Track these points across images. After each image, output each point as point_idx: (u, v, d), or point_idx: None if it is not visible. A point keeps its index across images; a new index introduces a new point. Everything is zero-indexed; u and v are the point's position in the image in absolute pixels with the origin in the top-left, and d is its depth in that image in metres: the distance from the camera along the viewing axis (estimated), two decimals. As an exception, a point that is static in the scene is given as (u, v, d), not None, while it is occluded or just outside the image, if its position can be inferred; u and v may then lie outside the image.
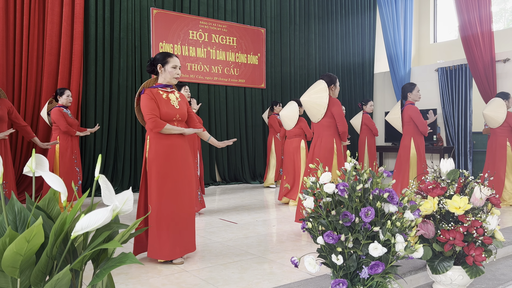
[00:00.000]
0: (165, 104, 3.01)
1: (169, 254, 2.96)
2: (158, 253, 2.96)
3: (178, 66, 3.08)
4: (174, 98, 3.10)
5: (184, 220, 3.04)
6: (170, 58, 3.06)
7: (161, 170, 2.97)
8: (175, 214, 3.00)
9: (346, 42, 10.12)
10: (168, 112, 3.00)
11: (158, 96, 3.02)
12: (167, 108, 3.00)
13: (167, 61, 3.06)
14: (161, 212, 2.95)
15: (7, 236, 1.18)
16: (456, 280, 2.45)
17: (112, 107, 6.90)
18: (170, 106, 3.03)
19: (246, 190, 7.34)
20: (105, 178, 1.35)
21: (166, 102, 3.03)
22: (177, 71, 3.07)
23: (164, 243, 2.95)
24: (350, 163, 2.14)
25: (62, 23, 6.28)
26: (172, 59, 3.06)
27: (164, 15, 7.48)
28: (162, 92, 3.06)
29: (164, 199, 2.97)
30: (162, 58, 3.06)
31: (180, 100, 3.15)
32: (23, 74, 6.00)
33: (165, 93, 3.07)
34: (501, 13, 9.75)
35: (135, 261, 1.27)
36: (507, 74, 8.31)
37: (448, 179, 2.51)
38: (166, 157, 2.99)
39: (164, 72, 3.07)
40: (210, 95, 8.02)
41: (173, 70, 3.06)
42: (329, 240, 1.95)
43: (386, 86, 10.56)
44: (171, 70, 3.05)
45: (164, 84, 3.10)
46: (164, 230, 2.96)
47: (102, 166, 6.86)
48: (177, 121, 3.07)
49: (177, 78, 3.10)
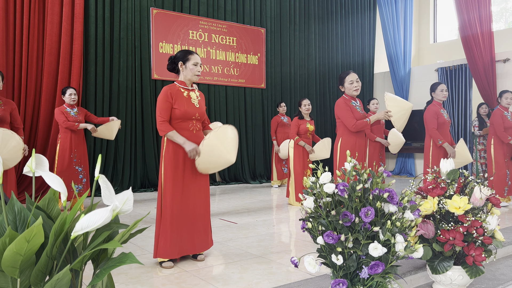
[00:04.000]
0: (185, 103, 2.99)
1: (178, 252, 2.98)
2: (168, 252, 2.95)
3: (199, 64, 3.05)
4: (195, 97, 3.08)
5: (198, 221, 3.06)
6: (191, 55, 3.03)
7: (178, 171, 2.97)
8: (188, 215, 3.02)
9: (346, 42, 10.11)
10: (188, 111, 2.98)
11: (179, 94, 2.99)
12: (187, 107, 2.98)
13: (188, 58, 3.03)
14: (174, 212, 2.96)
15: (7, 236, 1.18)
16: (456, 280, 2.45)
17: (112, 107, 6.90)
18: (190, 105, 3.01)
19: (246, 190, 7.34)
20: (105, 178, 1.35)
21: (187, 100, 3.01)
22: (198, 68, 3.04)
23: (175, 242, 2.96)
24: (350, 163, 2.14)
25: (62, 23, 6.28)
26: (193, 56, 3.03)
27: (164, 15, 7.48)
28: (183, 90, 3.03)
29: (177, 200, 2.97)
30: (183, 55, 3.04)
31: (200, 99, 3.13)
32: (23, 74, 6.00)
33: (186, 91, 3.04)
34: (501, 12, 9.75)
35: (135, 261, 1.27)
36: (507, 74, 8.31)
37: (448, 179, 2.51)
38: (184, 157, 2.99)
39: (185, 70, 3.03)
40: (210, 95, 8.02)
41: (194, 67, 3.02)
42: (329, 240, 1.95)
43: (386, 86, 10.56)
44: (192, 67, 3.02)
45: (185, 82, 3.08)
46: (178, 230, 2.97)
47: (102, 166, 6.86)
48: (196, 120, 3.05)
49: (198, 76, 3.06)
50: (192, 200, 3.04)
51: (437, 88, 4.81)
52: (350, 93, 3.90)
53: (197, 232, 3.07)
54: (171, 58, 3.08)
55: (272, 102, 8.82)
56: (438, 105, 4.80)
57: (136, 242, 3.63)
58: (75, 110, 5.26)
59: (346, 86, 3.91)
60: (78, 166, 5.23)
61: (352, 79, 3.87)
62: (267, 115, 8.77)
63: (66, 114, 5.17)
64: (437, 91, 4.80)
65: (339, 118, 3.95)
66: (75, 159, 5.18)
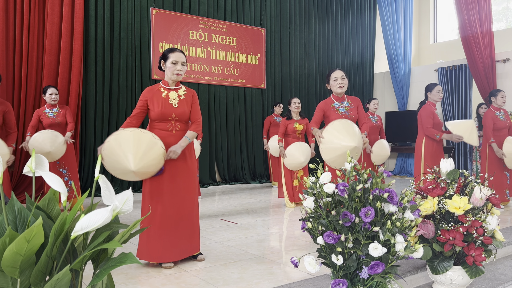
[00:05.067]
0: (161, 103, 2.91)
1: (159, 257, 2.90)
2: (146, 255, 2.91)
3: (179, 62, 2.92)
4: (175, 97, 2.96)
5: (178, 223, 2.96)
6: (171, 53, 2.93)
7: None
8: (167, 217, 2.92)
9: (346, 42, 10.11)
10: (162, 111, 2.90)
11: (157, 94, 2.94)
12: (163, 108, 2.90)
13: (168, 56, 2.93)
14: (153, 214, 2.90)
15: (7, 236, 1.18)
16: (456, 280, 2.45)
17: (112, 107, 6.90)
18: (167, 105, 2.91)
19: (246, 190, 7.34)
20: (105, 178, 1.35)
21: (164, 100, 2.92)
22: (177, 67, 2.91)
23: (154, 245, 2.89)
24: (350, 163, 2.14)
25: (62, 23, 6.28)
26: (173, 54, 2.92)
27: (164, 15, 7.47)
28: (163, 90, 2.97)
29: (155, 201, 2.91)
30: (165, 53, 2.97)
31: (183, 98, 2.99)
32: (23, 74, 6.00)
33: (166, 91, 2.97)
34: (504, 12, 9.74)
35: (135, 261, 1.27)
36: (507, 74, 8.31)
37: (448, 179, 2.51)
38: None
39: (166, 68, 2.97)
40: (210, 95, 8.02)
41: (172, 66, 2.91)
42: (329, 240, 1.95)
43: (386, 86, 10.56)
44: (170, 66, 2.92)
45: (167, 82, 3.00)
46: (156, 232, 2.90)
47: (102, 166, 6.85)
48: (174, 120, 2.95)
49: (178, 75, 2.93)
50: (172, 203, 2.93)
51: (433, 89, 4.76)
52: (334, 90, 3.77)
53: (180, 235, 2.95)
54: (160, 56, 3.04)
55: (272, 102, 8.82)
56: (433, 106, 4.78)
57: (136, 242, 3.63)
58: (55, 110, 5.06)
59: (331, 84, 3.79)
60: (62, 168, 5.05)
61: (336, 76, 3.73)
62: (267, 115, 8.77)
63: (42, 116, 4.99)
64: (434, 91, 4.75)
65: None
66: (57, 161, 4.98)
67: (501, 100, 5.27)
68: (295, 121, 5.61)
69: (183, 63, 2.96)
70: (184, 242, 2.98)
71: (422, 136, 4.80)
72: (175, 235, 2.94)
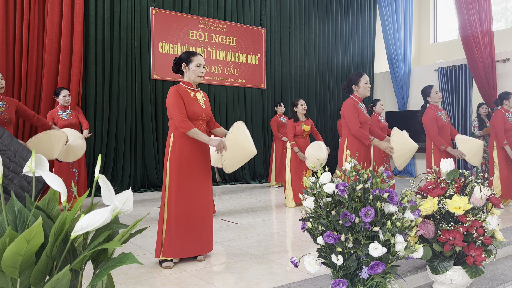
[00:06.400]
0: (192, 103, 3.03)
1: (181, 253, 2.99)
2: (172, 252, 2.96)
3: (202, 65, 3.08)
4: (201, 97, 3.12)
5: (200, 222, 3.07)
6: (194, 56, 3.06)
7: (183, 170, 2.99)
8: (192, 215, 3.03)
9: (346, 42, 10.11)
10: (195, 111, 3.02)
11: (186, 94, 3.03)
12: (195, 107, 3.03)
13: (191, 59, 3.06)
14: (179, 212, 2.98)
15: (7, 236, 1.18)
16: (456, 280, 2.45)
17: (112, 107, 6.90)
18: (197, 105, 3.05)
19: (246, 190, 7.34)
20: (105, 178, 1.35)
21: (193, 100, 3.05)
22: (201, 69, 3.07)
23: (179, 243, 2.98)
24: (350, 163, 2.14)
25: (62, 23, 6.28)
26: (196, 57, 3.07)
27: (164, 15, 7.48)
28: (190, 91, 3.07)
29: (181, 200, 2.99)
30: (186, 57, 3.08)
31: (205, 99, 3.18)
32: (23, 74, 6.00)
33: (192, 91, 3.09)
34: (502, 12, 9.74)
35: (135, 261, 1.27)
36: (507, 74, 8.31)
37: (448, 179, 2.51)
38: (190, 158, 3.01)
39: (189, 71, 3.07)
40: (210, 95, 8.02)
41: (197, 68, 3.05)
42: (329, 240, 1.95)
43: (386, 86, 10.56)
44: (195, 68, 3.05)
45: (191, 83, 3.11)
46: (182, 229, 2.99)
47: (102, 166, 6.86)
48: (202, 120, 3.11)
49: (201, 77, 3.10)
50: (196, 202, 3.06)
51: (431, 91, 4.73)
52: (364, 93, 3.92)
53: (200, 233, 3.08)
54: (176, 59, 3.13)
55: (272, 102, 8.82)
56: (435, 108, 4.76)
57: (136, 242, 3.63)
58: (68, 111, 5.18)
59: (362, 86, 3.90)
60: (74, 168, 5.20)
61: (367, 79, 3.91)
62: (267, 115, 8.78)
63: (56, 119, 5.10)
64: (432, 94, 4.73)
65: (345, 118, 3.94)
66: (71, 162, 5.12)
67: None
68: (302, 122, 5.65)
69: (204, 65, 3.13)
70: (207, 237, 3.14)
71: (430, 140, 4.80)
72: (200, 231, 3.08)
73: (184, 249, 3.00)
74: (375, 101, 6.68)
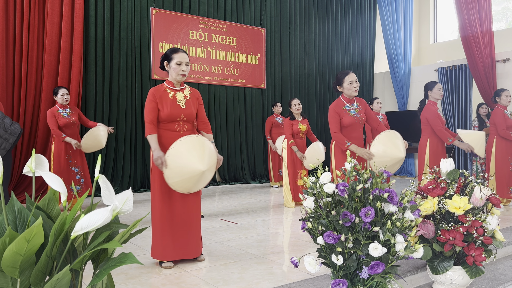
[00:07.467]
0: (169, 104, 2.91)
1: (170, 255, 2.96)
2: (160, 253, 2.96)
3: (184, 63, 2.92)
4: (182, 97, 2.96)
5: (187, 226, 3.01)
6: (175, 54, 2.92)
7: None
8: (176, 218, 2.97)
9: (346, 42, 10.11)
10: (171, 112, 2.90)
11: (164, 95, 2.93)
12: (171, 109, 2.90)
13: (172, 57, 2.92)
14: (163, 213, 2.94)
15: (7, 236, 1.18)
16: (456, 280, 2.45)
17: (112, 107, 6.90)
18: (175, 106, 2.92)
19: (246, 190, 7.34)
20: (105, 178, 1.35)
21: (171, 101, 2.93)
22: (182, 67, 2.91)
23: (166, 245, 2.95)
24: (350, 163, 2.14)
25: (62, 23, 6.28)
26: (177, 55, 2.91)
27: (164, 15, 7.47)
28: (169, 91, 2.96)
29: (165, 203, 2.94)
30: (168, 54, 2.96)
31: (189, 99, 3.00)
32: (23, 74, 5.99)
33: (172, 91, 2.96)
34: (503, 12, 9.73)
35: (135, 261, 1.27)
36: (507, 74, 8.31)
37: (448, 179, 2.51)
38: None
39: (170, 69, 2.95)
40: (210, 95, 8.02)
41: (177, 67, 2.91)
42: (329, 240, 1.95)
43: (386, 86, 10.56)
44: (175, 67, 2.91)
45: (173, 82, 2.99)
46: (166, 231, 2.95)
47: (102, 166, 6.86)
48: (182, 121, 2.96)
49: (182, 76, 2.93)
50: (181, 205, 2.97)
51: (434, 87, 4.69)
52: (349, 93, 3.77)
53: (186, 237, 3.01)
54: (162, 56, 3.03)
55: (272, 102, 8.82)
56: (435, 105, 4.75)
57: (136, 242, 3.63)
58: (67, 110, 5.21)
59: (345, 87, 3.76)
60: (74, 167, 5.19)
61: (351, 79, 3.73)
62: (267, 115, 8.77)
63: (57, 116, 5.12)
64: (435, 89, 4.68)
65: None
66: (70, 160, 5.15)
67: (505, 99, 5.30)
68: (299, 122, 5.65)
69: (187, 63, 2.96)
70: (193, 242, 3.04)
71: (427, 137, 4.77)
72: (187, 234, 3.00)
73: (169, 251, 2.93)
74: (373, 99, 6.68)
